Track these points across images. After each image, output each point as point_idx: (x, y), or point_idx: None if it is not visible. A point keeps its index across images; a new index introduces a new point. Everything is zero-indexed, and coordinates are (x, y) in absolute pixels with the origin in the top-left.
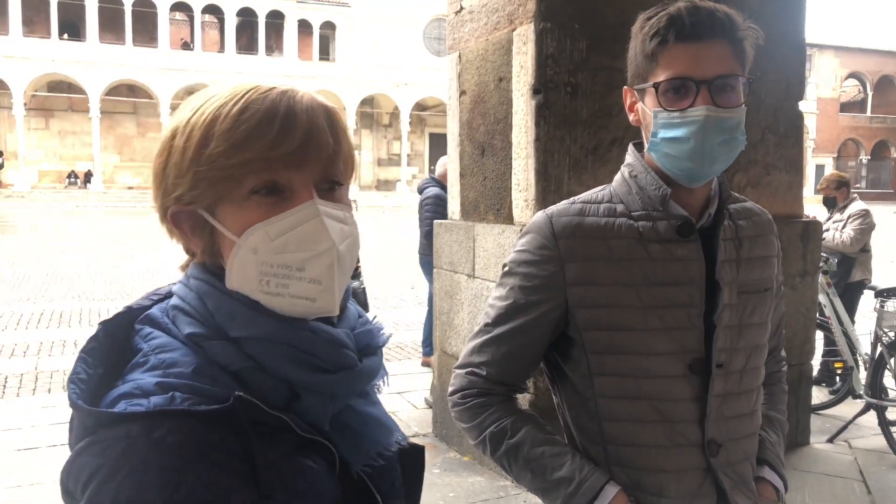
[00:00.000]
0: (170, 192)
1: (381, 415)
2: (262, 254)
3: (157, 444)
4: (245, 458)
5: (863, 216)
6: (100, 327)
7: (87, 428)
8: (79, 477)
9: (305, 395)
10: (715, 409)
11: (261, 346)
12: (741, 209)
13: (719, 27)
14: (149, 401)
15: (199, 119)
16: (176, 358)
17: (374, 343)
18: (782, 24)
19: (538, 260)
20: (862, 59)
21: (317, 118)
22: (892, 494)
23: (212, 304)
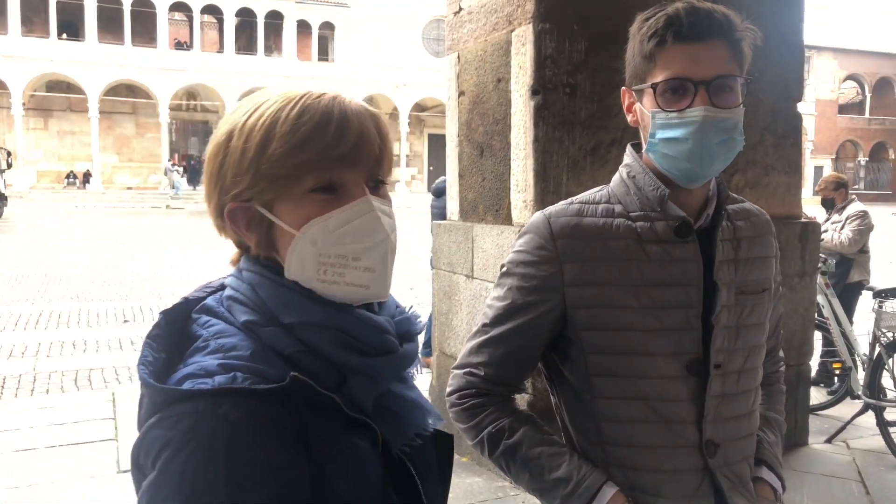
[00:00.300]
0: (228, 190)
1: (418, 398)
2: (321, 245)
3: (223, 418)
4: (300, 433)
5: (861, 217)
6: (161, 316)
7: (156, 405)
8: (149, 451)
9: (352, 376)
10: (713, 409)
11: (311, 331)
12: (739, 210)
13: (717, 28)
14: (213, 380)
15: (258, 122)
16: (234, 342)
17: (412, 330)
18: (781, 25)
19: (536, 260)
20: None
21: (366, 122)
22: (890, 495)
23: (264, 293)
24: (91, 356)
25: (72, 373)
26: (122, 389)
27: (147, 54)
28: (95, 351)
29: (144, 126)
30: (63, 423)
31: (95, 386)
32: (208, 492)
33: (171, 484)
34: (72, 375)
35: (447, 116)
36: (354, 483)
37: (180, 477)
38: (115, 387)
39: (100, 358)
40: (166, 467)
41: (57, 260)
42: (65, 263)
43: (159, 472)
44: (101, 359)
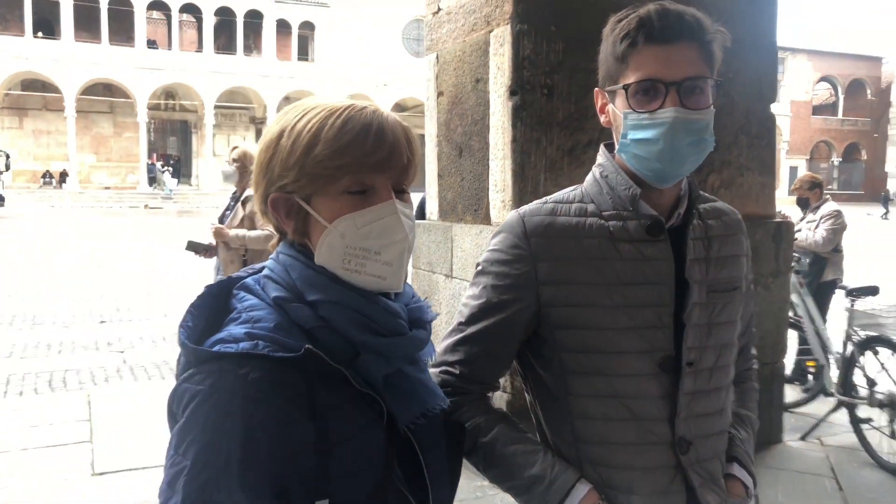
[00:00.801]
0: (274, 182)
1: (427, 381)
2: (349, 238)
3: (242, 378)
4: (309, 399)
5: (835, 217)
6: (205, 289)
7: (189, 362)
8: (180, 400)
9: (364, 353)
10: (685, 406)
11: (331, 309)
12: (711, 209)
13: (688, 30)
14: (238, 345)
15: (307, 126)
16: (262, 315)
17: (423, 318)
18: (754, 27)
19: (510, 259)
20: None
21: (399, 135)
22: (862, 491)
23: (295, 273)
24: (66, 357)
25: (46, 374)
26: (98, 391)
27: (124, 53)
28: (71, 352)
29: (122, 125)
30: (37, 425)
31: (70, 387)
32: (225, 438)
33: (195, 429)
34: (46, 377)
35: (426, 116)
36: (356, 450)
37: (203, 424)
38: (90, 388)
39: (75, 359)
40: (192, 415)
41: (32, 260)
42: (40, 263)
43: (186, 419)
44: (77, 360)
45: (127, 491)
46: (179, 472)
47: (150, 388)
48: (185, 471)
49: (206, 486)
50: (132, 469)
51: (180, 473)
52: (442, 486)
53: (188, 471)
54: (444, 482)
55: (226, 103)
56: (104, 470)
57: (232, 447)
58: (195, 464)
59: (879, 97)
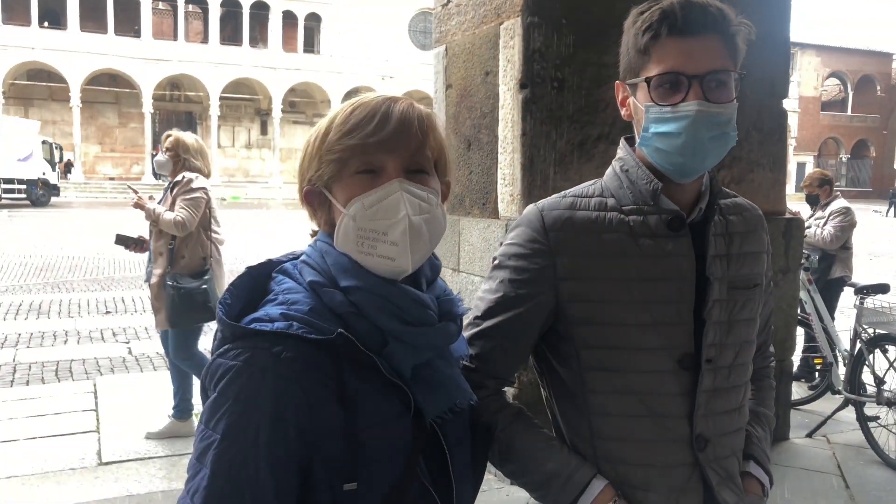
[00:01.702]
0: (305, 175)
1: (456, 376)
2: (359, 220)
3: (275, 356)
4: (339, 382)
5: (844, 213)
6: (246, 270)
7: (225, 338)
8: (214, 374)
9: (393, 342)
10: (703, 404)
11: (362, 295)
12: (732, 204)
13: (711, 22)
14: (273, 324)
15: (325, 122)
16: (298, 298)
17: (453, 311)
18: (767, 22)
19: (528, 253)
20: (843, 58)
21: (410, 117)
22: (869, 489)
23: (330, 260)
24: (72, 347)
25: (52, 364)
26: (104, 381)
27: (130, 44)
28: (77, 342)
29: (127, 116)
30: (44, 414)
31: (77, 377)
32: (255, 413)
33: (226, 404)
34: (52, 366)
35: (434, 109)
36: (382, 438)
37: (234, 398)
38: (96, 378)
39: (81, 349)
40: (224, 390)
41: (36, 250)
42: (44, 253)
43: (218, 394)
44: (83, 350)
45: (134, 480)
46: (209, 445)
47: (156, 378)
48: (214, 444)
49: (234, 461)
50: (139, 459)
51: (210, 447)
52: (466, 484)
53: (217, 444)
54: (467, 479)
55: (231, 95)
56: (111, 459)
57: (262, 423)
58: (224, 438)
59: (889, 93)
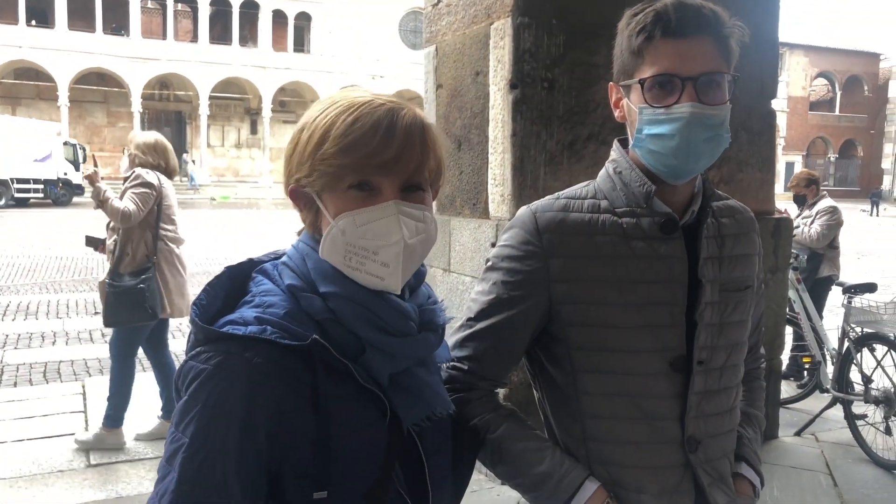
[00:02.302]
0: (292, 174)
1: (436, 384)
2: (349, 236)
3: (247, 361)
4: (312, 389)
5: (831, 213)
6: (224, 270)
7: (198, 340)
8: (185, 377)
9: (370, 350)
10: (695, 406)
11: (341, 302)
12: (724, 207)
13: (705, 24)
14: (246, 328)
15: (322, 121)
16: (275, 301)
17: (435, 321)
18: (757, 22)
19: (522, 255)
20: (831, 58)
21: (412, 135)
22: (857, 487)
23: (311, 263)
24: (60, 348)
25: (41, 365)
26: (93, 382)
27: (119, 42)
28: (65, 343)
29: (116, 115)
30: (32, 416)
31: (65, 378)
32: (224, 418)
33: (195, 408)
34: (41, 368)
35: (425, 109)
36: (356, 446)
37: (204, 402)
38: (84, 379)
39: (70, 350)
40: (194, 394)
41: (23, 251)
42: (32, 254)
43: (188, 397)
44: (71, 351)
45: (124, 482)
46: (178, 448)
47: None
48: (182, 448)
49: (202, 466)
50: (128, 460)
51: (179, 450)
52: (444, 492)
53: (186, 448)
54: (446, 488)
55: (221, 94)
56: (100, 461)
57: (231, 428)
58: (193, 442)
59: (876, 94)
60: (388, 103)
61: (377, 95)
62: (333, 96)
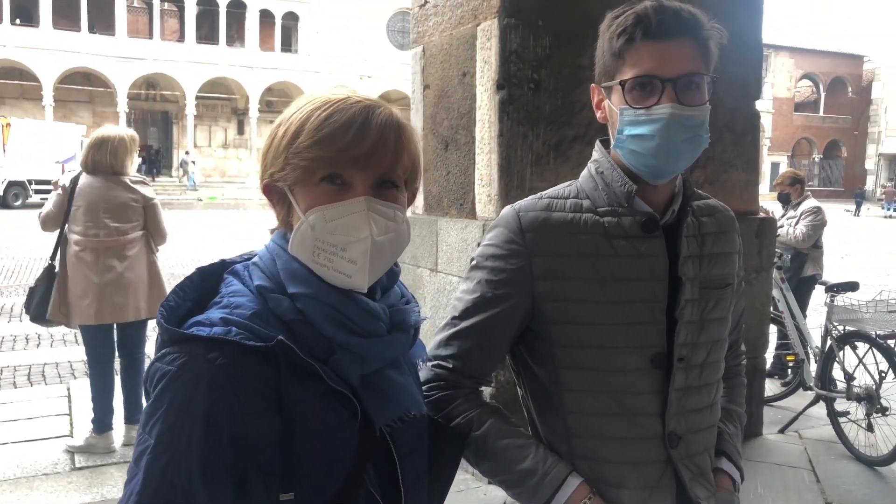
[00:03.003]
0: (267, 169)
1: (408, 385)
2: (318, 231)
3: (210, 362)
4: (276, 390)
5: (815, 213)
6: (196, 271)
7: (164, 342)
8: (152, 379)
9: (340, 351)
10: (676, 402)
11: (309, 303)
12: (704, 206)
13: (685, 26)
14: (211, 329)
15: (297, 116)
16: (242, 302)
17: (406, 321)
18: (741, 24)
19: (505, 254)
20: (816, 60)
21: (387, 132)
22: (839, 483)
23: (280, 263)
24: (45, 351)
25: (25, 368)
26: (78, 385)
27: (104, 42)
28: (50, 345)
29: (102, 115)
30: (16, 419)
31: (50, 381)
32: (188, 420)
33: (160, 409)
34: (25, 370)
35: (412, 110)
36: (323, 447)
37: (168, 404)
38: (70, 382)
39: (54, 352)
40: (159, 395)
41: (8, 252)
42: (17, 256)
43: (154, 399)
44: (56, 353)
45: (109, 485)
46: (144, 450)
47: None
48: (148, 450)
49: (167, 467)
50: (114, 463)
51: (145, 452)
52: (418, 493)
53: (151, 449)
54: (420, 489)
55: (208, 94)
56: (84, 464)
57: (194, 430)
58: (158, 443)
59: (860, 95)
60: (364, 101)
61: (354, 92)
62: (310, 95)
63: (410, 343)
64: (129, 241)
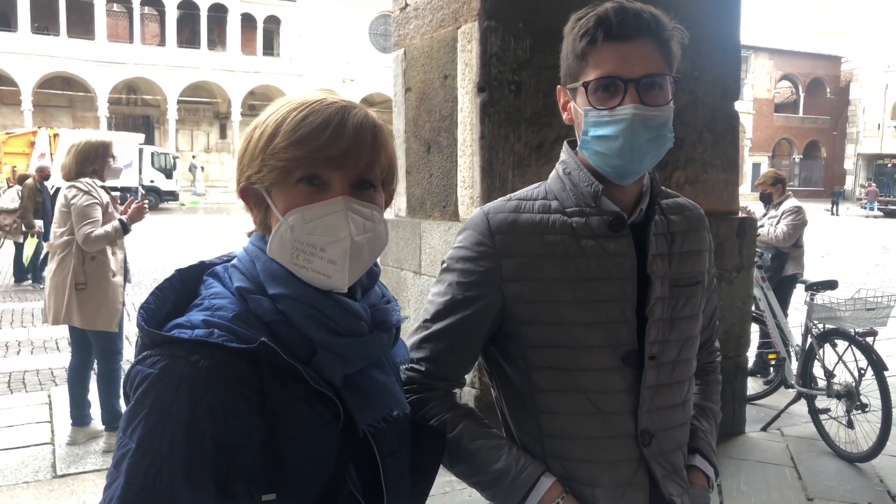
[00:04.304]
0: (244, 172)
1: (391, 385)
2: (297, 232)
3: (192, 365)
4: (259, 393)
5: (796, 212)
6: (175, 273)
7: (145, 345)
8: (132, 382)
9: (322, 352)
10: (648, 400)
11: (290, 304)
12: (673, 204)
13: (645, 27)
14: (193, 332)
15: (273, 118)
16: (223, 304)
17: (388, 320)
18: (718, 25)
19: (475, 256)
20: (795, 61)
21: (363, 132)
22: (820, 479)
23: (260, 265)
24: (25, 358)
25: (5, 375)
26: (59, 392)
27: (84, 46)
28: (30, 352)
29: (82, 120)
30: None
31: (30, 388)
32: (169, 423)
33: (141, 412)
34: (5, 378)
35: (394, 112)
36: (306, 448)
37: (150, 407)
38: (51, 389)
39: (35, 360)
40: (140, 398)
41: None
42: None
43: (135, 402)
44: (37, 360)
45: (91, 492)
46: (125, 454)
47: None
48: (129, 453)
49: (148, 471)
50: (94, 471)
51: (126, 456)
52: (400, 494)
53: (132, 453)
54: (402, 490)
55: (189, 98)
56: (66, 472)
57: (176, 434)
58: (139, 447)
59: (838, 96)
60: (340, 102)
61: (331, 92)
62: (286, 97)
63: (392, 342)
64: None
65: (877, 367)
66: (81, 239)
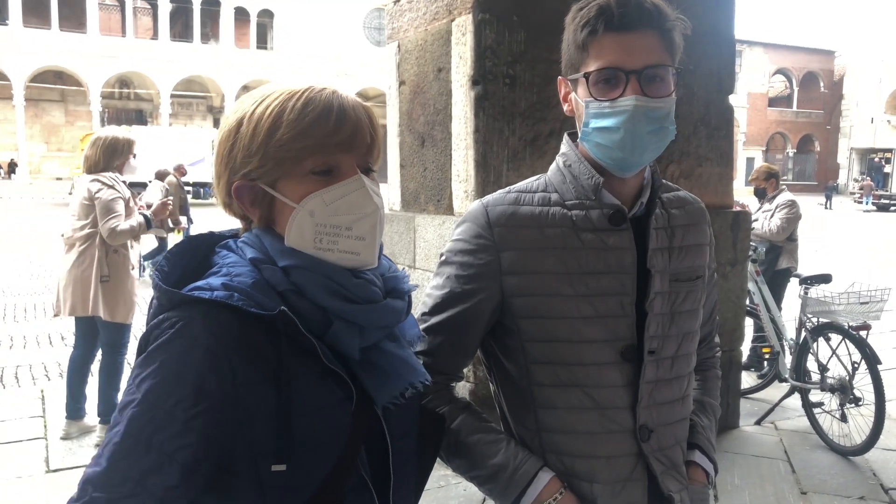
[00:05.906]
0: (237, 170)
1: (408, 357)
2: (318, 216)
3: (208, 327)
4: (275, 364)
5: (790, 206)
6: (187, 238)
7: (161, 305)
8: (147, 339)
9: (337, 322)
10: (646, 395)
11: (302, 274)
12: (674, 198)
13: (647, 17)
14: (212, 293)
15: (266, 111)
16: (242, 271)
17: (399, 287)
18: (713, 18)
19: (474, 249)
20: (789, 55)
21: (361, 114)
22: (813, 472)
23: (267, 241)
24: (18, 352)
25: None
26: (52, 386)
27: (76, 40)
28: (23, 347)
29: (74, 114)
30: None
31: (23, 383)
32: (177, 384)
33: (152, 365)
34: None
35: (388, 106)
36: (315, 425)
37: (161, 363)
38: (44, 384)
39: (28, 354)
40: (153, 352)
41: None
42: None
43: (147, 354)
44: (30, 355)
45: None
46: (130, 402)
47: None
48: (134, 403)
49: (149, 424)
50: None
51: (130, 404)
52: (406, 477)
53: (136, 403)
54: (409, 473)
55: (182, 92)
56: (59, 467)
57: (182, 395)
58: (144, 399)
59: (832, 90)
60: (327, 87)
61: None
62: (258, 90)
63: (406, 310)
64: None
65: (870, 361)
66: (107, 233)
